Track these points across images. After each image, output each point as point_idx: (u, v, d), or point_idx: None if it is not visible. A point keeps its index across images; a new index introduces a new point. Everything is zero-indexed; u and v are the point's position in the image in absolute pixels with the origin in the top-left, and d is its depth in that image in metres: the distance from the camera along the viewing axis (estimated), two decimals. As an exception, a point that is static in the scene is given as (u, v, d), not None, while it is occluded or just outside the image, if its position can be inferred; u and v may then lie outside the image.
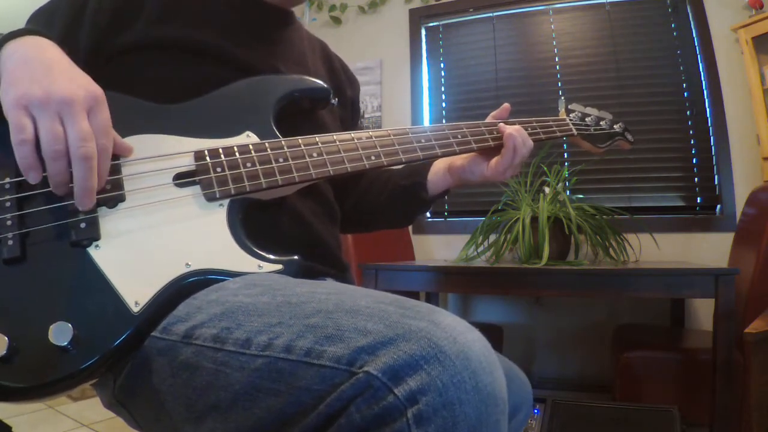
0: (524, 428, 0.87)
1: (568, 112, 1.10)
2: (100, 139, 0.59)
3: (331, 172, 0.74)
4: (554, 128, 1.03)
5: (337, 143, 0.77)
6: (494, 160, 0.93)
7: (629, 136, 1.18)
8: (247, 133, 0.73)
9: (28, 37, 0.63)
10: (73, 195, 0.58)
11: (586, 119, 1.11)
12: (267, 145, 0.72)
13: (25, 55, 0.61)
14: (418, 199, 1.02)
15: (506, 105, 0.99)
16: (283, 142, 0.73)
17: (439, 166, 1.01)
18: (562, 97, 1.15)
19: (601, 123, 1.13)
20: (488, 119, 0.98)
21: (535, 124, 1.00)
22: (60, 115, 0.57)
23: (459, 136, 0.90)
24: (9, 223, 0.58)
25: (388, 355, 0.45)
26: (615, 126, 1.15)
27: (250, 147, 0.71)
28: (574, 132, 1.06)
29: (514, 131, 0.92)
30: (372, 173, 1.09)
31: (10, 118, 0.56)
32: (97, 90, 0.61)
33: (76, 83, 0.59)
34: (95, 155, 0.58)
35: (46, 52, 0.62)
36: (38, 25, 0.78)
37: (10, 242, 0.57)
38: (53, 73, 0.59)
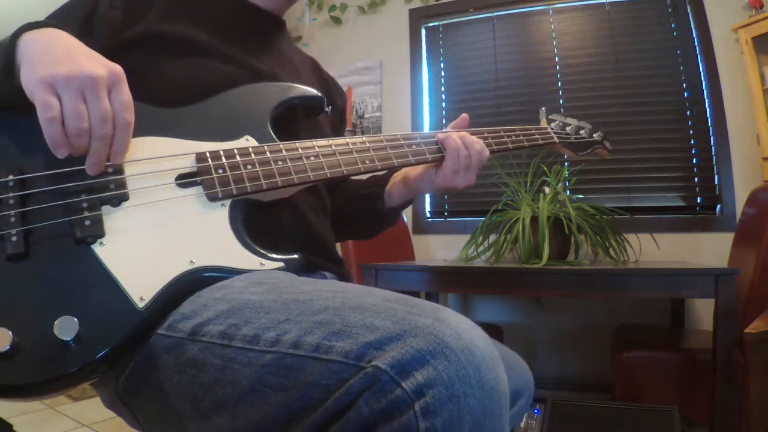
0: (524, 428, 0.88)
1: (549, 122, 1.15)
2: (123, 113, 0.62)
3: (328, 174, 0.76)
4: (537, 136, 1.07)
5: (333, 147, 0.79)
6: (441, 167, 0.91)
7: (608, 144, 1.23)
8: (246, 137, 0.75)
9: (45, 29, 0.65)
10: (85, 164, 0.62)
11: (567, 128, 1.16)
12: (266, 148, 0.74)
13: (44, 41, 0.63)
14: (375, 210, 1.03)
15: (464, 116, 0.99)
16: (281, 146, 0.75)
17: (397, 177, 1.02)
18: (543, 108, 1.19)
19: (580, 132, 1.18)
20: (448, 128, 0.99)
21: (518, 131, 1.04)
22: (83, 93, 0.59)
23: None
24: (13, 219, 0.59)
25: (395, 350, 0.46)
26: (594, 135, 1.20)
27: (250, 150, 0.73)
28: (556, 140, 1.10)
29: (453, 134, 0.91)
30: (347, 181, 1.11)
31: (37, 97, 0.58)
32: (117, 68, 0.63)
33: (97, 62, 0.62)
34: (111, 135, 0.62)
35: (65, 39, 0.64)
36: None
37: (14, 238, 0.58)
38: (74, 55, 0.61)
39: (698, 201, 2.55)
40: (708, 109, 2.53)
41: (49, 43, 0.63)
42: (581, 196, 2.61)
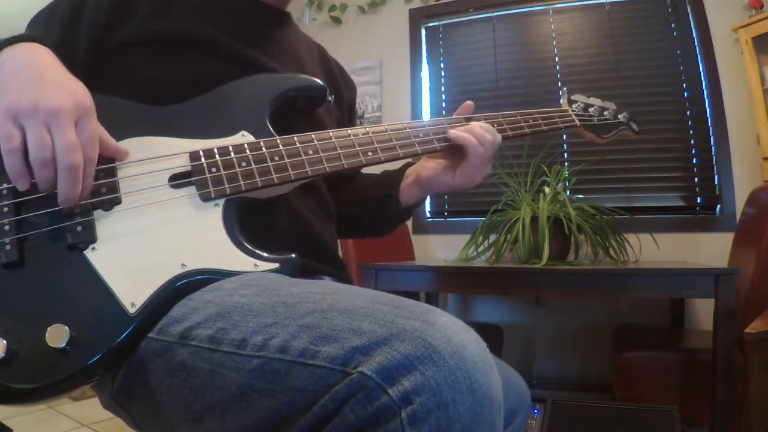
0: (524, 428, 0.87)
1: (571, 102, 1.08)
2: (86, 150, 0.60)
3: (327, 169, 0.73)
4: (556, 120, 1.01)
5: (334, 140, 0.76)
6: (460, 168, 0.88)
7: (634, 126, 1.16)
8: (242, 132, 0.73)
9: (23, 45, 0.64)
10: (58, 201, 0.60)
11: (590, 110, 1.09)
12: (262, 143, 0.72)
13: (17, 64, 0.62)
14: (390, 212, 0.99)
15: (468, 103, 0.94)
16: (278, 141, 0.73)
17: (409, 178, 0.98)
18: (565, 88, 1.12)
19: (604, 113, 1.11)
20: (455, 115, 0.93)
21: (536, 116, 0.98)
22: (48, 125, 0.58)
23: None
24: (7, 228, 0.59)
25: (382, 355, 0.45)
26: (619, 116, 1.13)
27: (245, 146, 0.71)
28: (577, 123, 1.04)
29: (468, 132, 0.86)
30: (355, 177, 1.08)
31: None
32: (85, 100, 0.62)
33: (65, 93, 0.60)
34: (81, 165, 0.59)
35: (39, 59, 0.63)
36: (39, 26, 0.79)
37: (8, 247, 0.58)
38: (43, 83, 0.60)
39: (698, 201, 2.55)
40: (708, 109, 2.53)
41: (21, 66, 0.62)
42: (581, 196, 2.61)
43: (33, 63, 0.62)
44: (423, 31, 3.12)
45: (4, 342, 0.52)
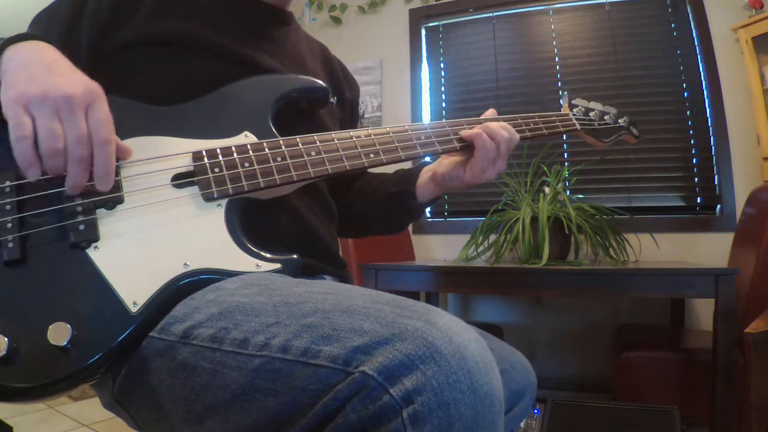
0: (524, 428, 0.87)
1: (572, 107, 1.08)
2: (101, 132, 0.60)
3: (330, 170, 0.73)
4: (557, 124, 1.01)
5: (336, 142, 0.76)
6: (470, 162, 0.88)
7: (634, 130, 1.16)
8: (245, 133, 0.73)
9: (29, 42, 0.64)
10: (65, 185, 0.60)
11: (590, 114, 1.09)
12: (265, 144, 0.72)
13: (25, 58, 0.62)
14: (406, 207, 0.99)
15: (491, 111, 0.94)
16: (281, 142, 0.73)
17: (426, 175, 0.98)
18: (565, 92, 1.13)
19: (605, 117, 1.11)
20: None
21: (537, 119, 0.98)
22: (58, 112, 0.58)
23: (459, 133, 0.88)
24: (9, 225, 0.59)
25: (383, 354, 0.45)
26: (620, 120, 1.14)
27: (248, 147, 0.71)
28: (578, 127, 1.04)
29: (480, 129, 0.86)
30: (364, 177, 1.08)
31: (9, 116, 0.57)
32: (95, 86, 0.62)
33: (74, 81, 0.60)
34: (88, 157, 0.60)
35: (46, 54, 0.63)
36: (40, 27, 0.79)
37: (11, 244, 0.58)
38: (52, 73, 0.60)
39: (698, 201, 2.55)
40: (708, 109, 2.53)
41: (28, 60, 0.61)
42: (581, 196, 2.61)
43: (39, 59, 0.62)
44: (423, 31, 3.12)
45: (6, 339, 0.52)
